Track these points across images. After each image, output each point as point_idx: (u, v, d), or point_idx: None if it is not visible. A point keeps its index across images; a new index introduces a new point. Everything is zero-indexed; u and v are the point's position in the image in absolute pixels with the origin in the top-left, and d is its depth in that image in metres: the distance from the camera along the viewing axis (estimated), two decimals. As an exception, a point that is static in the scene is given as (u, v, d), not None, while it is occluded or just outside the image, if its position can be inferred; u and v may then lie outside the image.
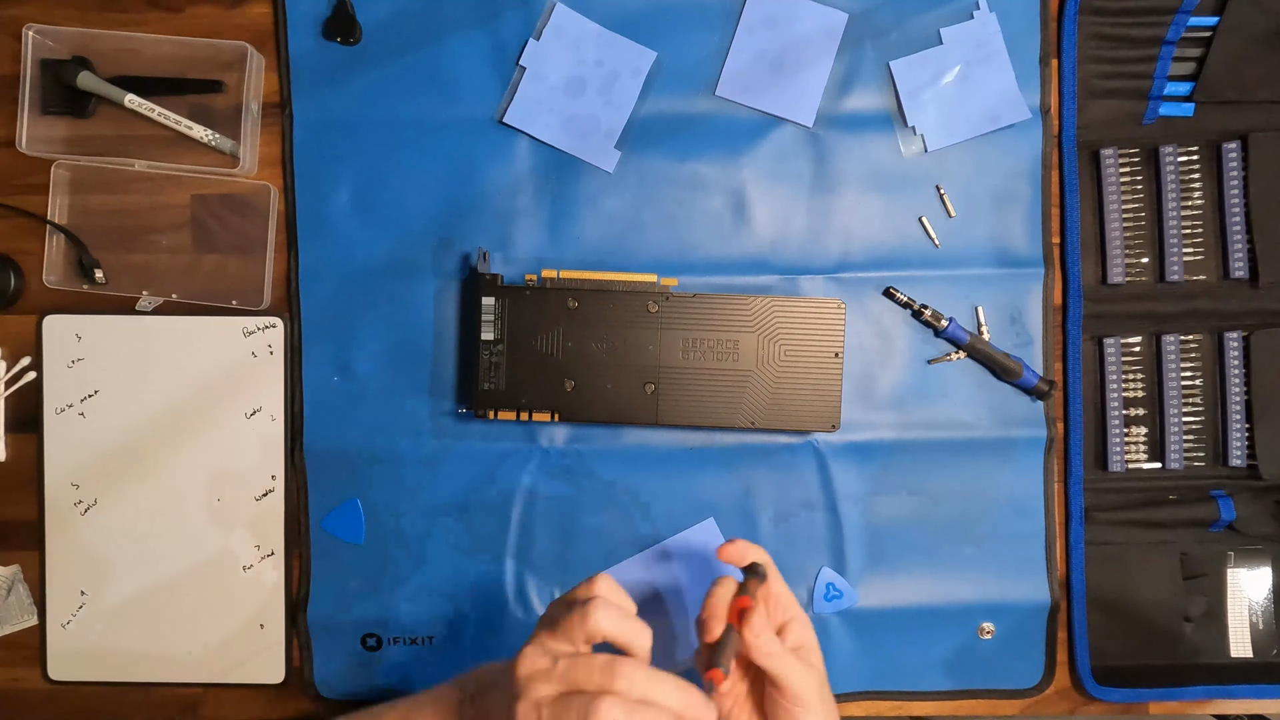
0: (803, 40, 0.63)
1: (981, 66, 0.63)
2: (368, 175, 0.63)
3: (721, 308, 0.60)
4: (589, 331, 0.60)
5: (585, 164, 0.63)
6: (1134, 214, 0.63)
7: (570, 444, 0.63)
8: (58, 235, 0.63)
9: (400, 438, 0.63)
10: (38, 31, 0.61)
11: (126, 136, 0.63)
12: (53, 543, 0.63)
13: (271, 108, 0.63)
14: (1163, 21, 0.62)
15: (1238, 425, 0.63)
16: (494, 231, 0.63)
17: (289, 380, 0.63)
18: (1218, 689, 0.63)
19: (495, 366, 0.60)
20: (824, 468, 0.63)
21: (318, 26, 0.62)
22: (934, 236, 0.63)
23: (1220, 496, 0.63)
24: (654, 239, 0.63)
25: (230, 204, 0.63)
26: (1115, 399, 0.63)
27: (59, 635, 0.63)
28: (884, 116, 0.63)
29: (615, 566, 0.63)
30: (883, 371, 0.63)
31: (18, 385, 0.63)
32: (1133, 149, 0.63)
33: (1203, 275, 0.63)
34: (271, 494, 0.63)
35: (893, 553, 0.63)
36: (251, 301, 0.63)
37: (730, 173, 0.63)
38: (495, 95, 0.63)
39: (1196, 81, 0.62)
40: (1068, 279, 0.63)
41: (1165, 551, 0.63)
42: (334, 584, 0.63)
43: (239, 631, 0.63)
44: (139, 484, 0.63)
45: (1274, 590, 0.64)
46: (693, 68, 0.63)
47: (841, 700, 0.63)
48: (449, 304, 0.63)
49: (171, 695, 0.64)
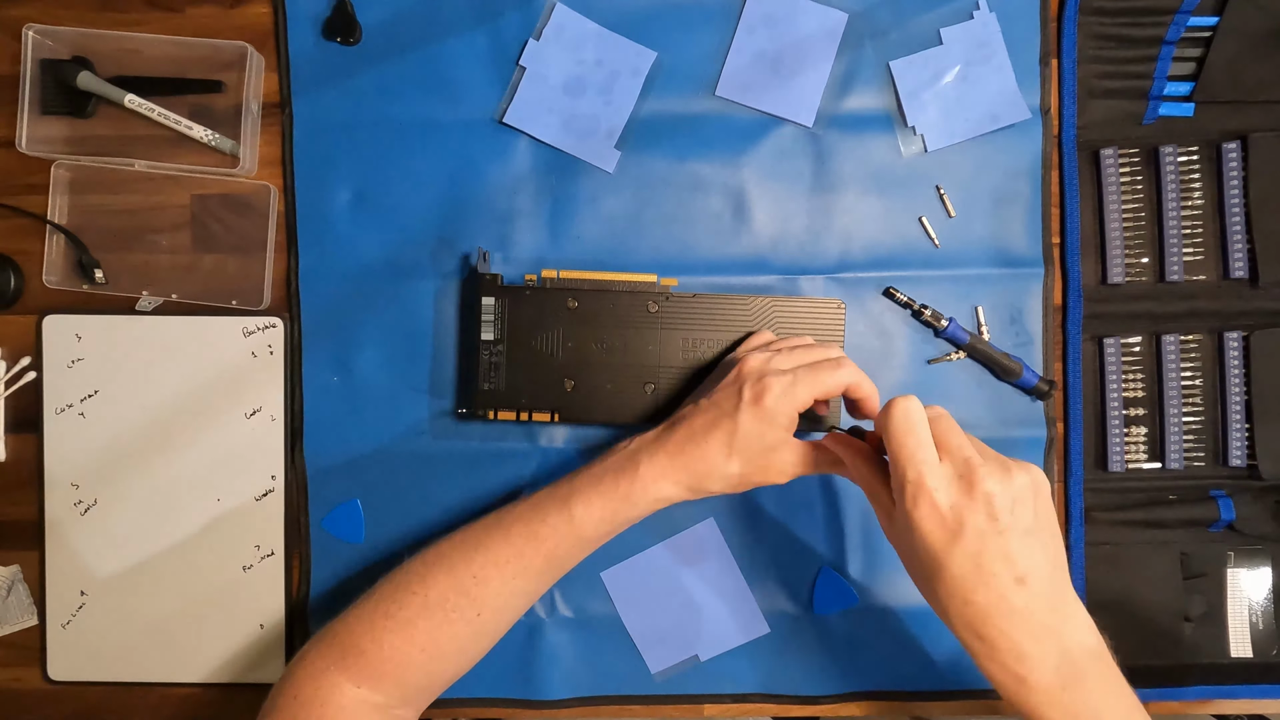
0: (803, 40, 0.63)
1: (981, 66, 0.63)
2: (368, 175, 0.63)
3: (721, 308, 0.60)
4: (589, 331, 0.60)
5: (585, 164, 0.63)
6: (1134, 214, 0.63)
7: (570, 444, 0.63)
8: (58, 235, 0.63)
9: (400, 438, 0.63)
10: (38, 31, 0.61)
11: (126, 136, 0.63)
12: (53, 543, 0.63)
13: (271, 108, 0.63)
14: (1163, 21, 0.62)
15: (1238, 425, 0.63)
16: (494, 231, 0.63)
17: (289, 380, 0.63)
18: (1218, 689, 0.63)
19: (495, 366, 0.60)
20: (824, 468, 0.63)
21: (318, 26, 0.62)
22: (934, 236, 0.63)
23: (1220, 496, 0.63)
24: (654, 239, 0.63)
25: (230, 204, 0.63)
26: (1115, 399, 0.63)
27: (59, 635, 0.63)
28: (884, 116, 0.63)
29: (615, 566, 0.63)
30: (883, 371, 0.63)
31: (18, 385, 0.63)
32: (1133, 149, 0.63)
33: (1203, 275, 0.63)
34: (271, 494, 0.63)
35: (893, 553, 0.63)
36: (251, 301, 0.63)
37: (730, 173, 0.63)
38: (495, 95, 0.63)
39: (1196, 81, 0.62)
40: (1068, 279, 0.63)
41: (1165, 551, 0.63)
42: (334, 584, 0.63)
43: (239, 631, 0.63)
44: (139, 484, 0.63)
45: (1274, 590, 0.64)
46: (693, 68, 0.63)
47: (842, 700, 0.63)
48: (449, 304, 0.63)
49: (171, 695, 0.64)
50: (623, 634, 0.63)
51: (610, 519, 0.52)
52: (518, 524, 0.53)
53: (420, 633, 0.51)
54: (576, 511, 0.52)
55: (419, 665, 0.51)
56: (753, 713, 0.64)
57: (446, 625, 0.51)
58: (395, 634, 0.51)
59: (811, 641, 0.63)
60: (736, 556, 0.63)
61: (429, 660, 0.52)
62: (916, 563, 0.46)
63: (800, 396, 0.50)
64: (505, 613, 0.54)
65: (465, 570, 0.52)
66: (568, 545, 0.52)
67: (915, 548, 0.45)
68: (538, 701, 0.63)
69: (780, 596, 0.63)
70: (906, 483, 0.45)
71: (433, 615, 0.51)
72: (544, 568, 0.53)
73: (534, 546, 0.52)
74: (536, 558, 0.52)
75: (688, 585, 0.63)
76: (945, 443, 0.46)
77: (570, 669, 0.63)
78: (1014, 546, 0.44)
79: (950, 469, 0.45)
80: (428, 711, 0.62)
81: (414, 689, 0.52)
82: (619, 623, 0.63)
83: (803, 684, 0.63)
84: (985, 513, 0.44)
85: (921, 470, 0.45)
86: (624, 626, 0.63)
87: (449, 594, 0.52)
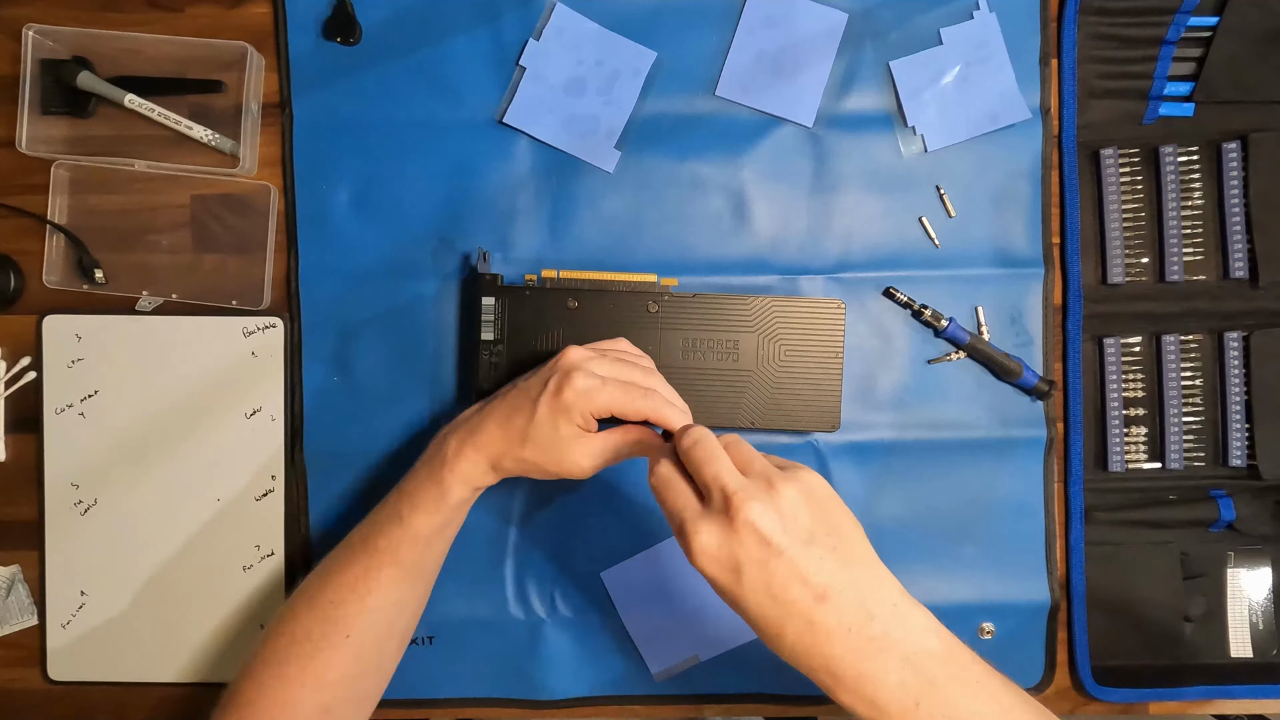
0: (803, 40, 0.63)
1: (981, 66, 0.63)
2: (368, 175, 0.63)
3: (721, 308, 0.60)
4: (589, 331, 0.60)
5: (585, 164, 0.63)
6: (1134, 214, 0.63)
7: (570, 444, 0.63)
8: (58, 235, 0.63)
9: (400, 438, 0.63)
10: (38, 31, 0.61)
11: (126, 136, 0.63)
12: (53, 543, 0.63)
13: (271, 108, 0.63)
14: (1163, 21, 0.62)
15: (1238, 425, 0.63)
16: (494, 231, 0.63)
17: (289, 380, 0.63)
18: (1218, 689, 0.63)
19: (495, 367, 0.60)
20: (824, 467, 0.63)
21: (318, 26, 0.62)
22: (934, 236, 0.63)
23: (1220, 496, 0.63)
24: (654, 239, 0.63)
25: (230, 204, 0.63)
26: (1115, 399, 0.63)
27: (59, 635, 0.63)
28: (884, 116, 0.63)
29: (615, 567, 0.63)
30: (883, 371, 0.63)
31: (18, 385, 0.63)
32: (1133, 149, 0.63)
33: (1203, 275, 0.63)
34: (271, 494, 0.63)
35: (893, 553, 0.62)
36: (251, 301, 0.63)
37: (730, 173, 0.63)
38: (495, 95, 0.63)
39: (1196, 81, 0.62)
40: (1068, 279, 0.63)
41: (1165, 551, 0.63)
42: (334, 584, 0.63)
43: (239, 631, 0.63)
44: (139, 484, 0.63)
45: (1274, 590, 0.64)
46: (693, 68, 0.63)
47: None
48: (449, 304, 0.63)
49: (171, 695, 0.64)
50: (623, 634, 0.63)
51: (435, 510, 0.52)
52: (358, 542, 0.53)
53: (294, 669, 0.51)
54: (405, 514, 0.52)
55: (307, 700, 0.51)
56: (753, 713, 0.64)
57: (319, 656, 0.51)
58: (273, 677, 0.51)
59: (811, 641, 0.63)
60: (736, 556, 0.63)
61: (315, 693, 0.51)
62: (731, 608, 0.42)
63: (598, 401, 0.49)
64: (376, 628, 0.53)
65: (323, 598, 0.52)
66: (408, 549, 0.52)
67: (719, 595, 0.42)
68: (538, 701, 0.63)
69: (780, 596, 0.63)
70: (676, 535, 0.42)
71: (301, 649, 0.51)
72: (397, 577, 0.52)
73: (377, 560, 0.52)
74: (384, 569, 0.52)
75: (688, 585, 0.63)
76: (701, 477, 0.42)
77: (570, 669, 0.63)
78: (801, 563, 0.40)
79: (710, 506, 0.41)
80: (428, 711, 0.62)
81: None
82: (619, 623, 0.63)
83: (802, 684, 0.63)
84: (754, 540, 0.40)
85: (682, 519, 0.42)
86: (624, 626, 0.63)
87: (313, 625, 0.52)
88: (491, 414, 0.52)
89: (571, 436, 0.50)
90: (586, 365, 0.51)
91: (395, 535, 0.52)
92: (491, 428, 0.51)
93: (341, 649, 0.51)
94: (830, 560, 0.40)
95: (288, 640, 0.52)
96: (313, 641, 0.51)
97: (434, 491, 0.52)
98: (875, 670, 0.40)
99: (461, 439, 0.52)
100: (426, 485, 0.52)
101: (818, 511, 0.41)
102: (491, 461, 0.52)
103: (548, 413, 0.50)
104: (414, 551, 0.53)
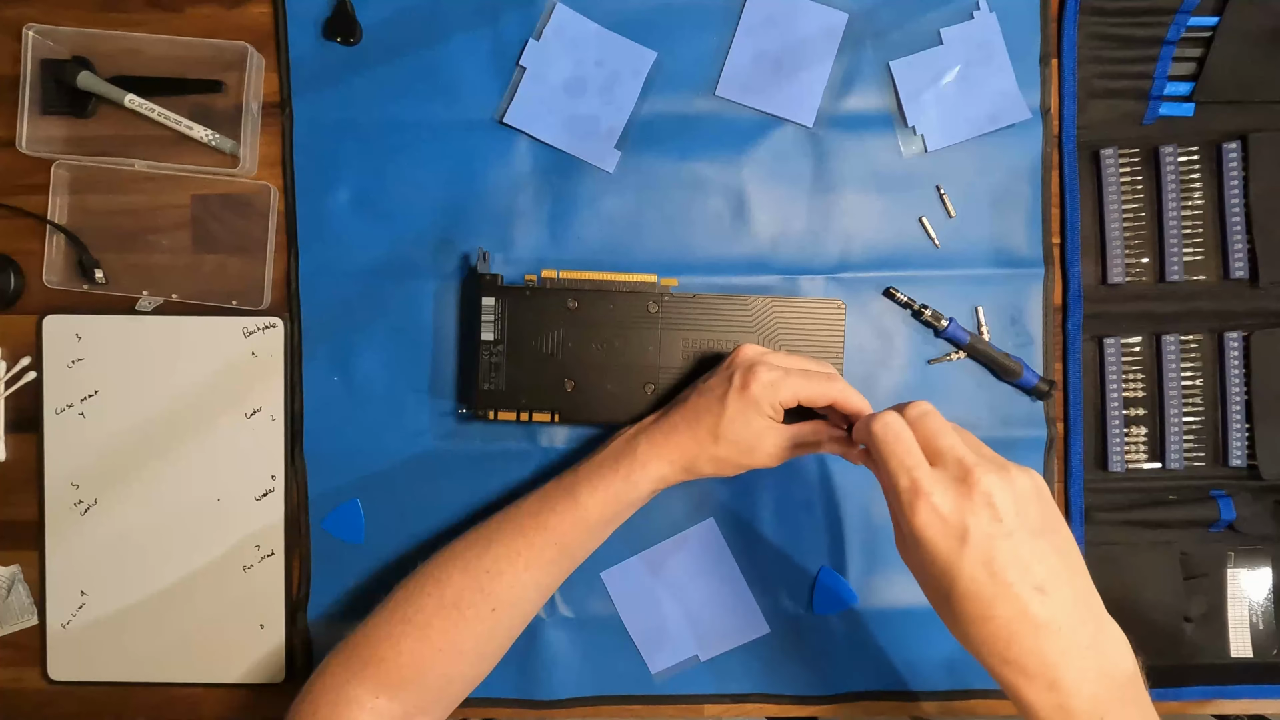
0: (803, 40, 0.63)
1: (981, 67, 0.63)
2: (368, 175, 0.63)
3: (721, 308, 0.60)
4: (589, 332, 0.60)
5: (585, 164, 0.63)
6: (1134, 214, 0.63)
7: (570, 444, 0.63)
8: (58, 235, 0.63)
9: (400, 438, 0.63)
10: (38, 31, 0.61)
11: (126, 136, 0.63)
12: (53, 543, 0.63)
13: (271, 108, 0.63)
14: (1163, 21, 0.62)
15: (1238, 425, 0.63)
16: (494, 231, 0.63)
17: (289, 380, 0.63)
18: (1218, 689, 0.63)
19: (495, 367, 0.60)
20: (824, 467, 0.63)
21: (318, 26, 0.62)
22: (934, 236, 0.63)
23: (1220, 496, 0.63)
24: (654, 239, 0.63)
25: (230, 204, 0.63)
26: (1115, 399, 0.63)
27: (59, 635, 0.63)
28: (884, 116, 0.63)
29: (615, 566, 0.63)
30: (883, 371, 0.63)
31: (18, 385, 0.63)
32: (1133, 149, 0.63)
33: (1203, 275, 0.63)
34: (271, 494, 0.63)
35: (893, 553, 0.63)
36: (251, 301, 0.63)
37: (730, 173, 0.63)
38: (495, 95, 0.63)
39: (1196, 81, 0.62)
40: (1068, 279, 0.63)
41: (1165, 551, 0.63)
42: (334, 584, 0.63)
43: (239, 631, 0.63)
44: (139, 484, 0.63)
45: (1274, 590, 0.64)
46: (693, 68, 0.63)
47: (842, 700, 0.63)
48: (449, 304, 0.63)
49: (171, 695, 0.64)
50: (623, 634, 0.63)
51: (614, 501, 0.53)
52: (527, 517, 0.54)
53: (436, 633, 0.52)
54: (582, 497, 0.53)
55: (437, 667, 0.52)
56: (752, 713, 0.64)
57: (463, 624, 0.52)
58: (412, 638, 0.51)
59: (811, 642, 0.63)
60: (736, 556, 0.63)
61: (447, 661, 0.52)
62: (931, 580, 0.42)
63: (785, 391, 0.51)
64: (520, 606, 0.54)
65: (479, 566, 0.53)
66: (577, 532, 0.54)
67: (924, 562, 0.42)
68: (538, 701, 0.63)
69: (780, 596, 0.63)
70: (901, 492, 0.42)
71: (448, 615, 0.52)
72: (556, 557, 0.54)
73: (544, 536, 0.53)
74: (548, 548, 0.53)
75: (688, 585, 0.63)
76: (935, 445, 0.43)
77: (570, 669, 0.63)
78: (1026, 550, 0.40)
79: (944, 471, 0.42)
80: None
81: (433, 694, 0.52)
82: (619, 623, 0.63)
83: (802, 684, 0.63)
84: (988, 513, 0.40)
85: (914, 476, 0.42)
86: (624, 626, 0.63)
87: (464, 591, 0.52)
88: (680, 419, 0.53)
89: (763, 428, 0.52)
90: (766, 359, 0.53)
91: (569, 517, 0.53)
92: (683, 431, 0.53)
93: (486, 621, 0.52)
94: (1054, 557, 0.41)
95: (435, 603, 0.52)
96: (460, 609, 0.52)
97: (619, 486, 0.53)
98: (1074, 676, 0.40)
99: (654, 442, 0.53)
100: (611, 476, 0.53)
101: (1045, 508, 0.42)
102: (685, 464, 0.53)
103: (738, 407, 0.51)
104: (582, 537, 0.54)
